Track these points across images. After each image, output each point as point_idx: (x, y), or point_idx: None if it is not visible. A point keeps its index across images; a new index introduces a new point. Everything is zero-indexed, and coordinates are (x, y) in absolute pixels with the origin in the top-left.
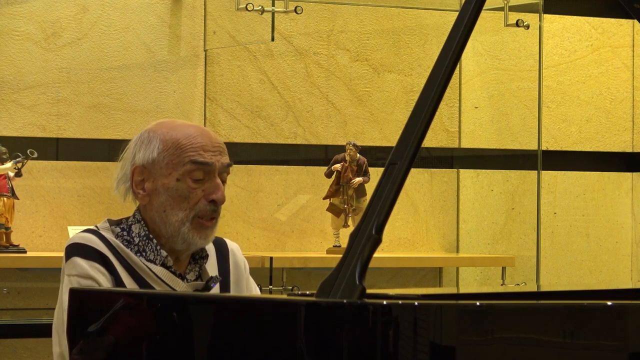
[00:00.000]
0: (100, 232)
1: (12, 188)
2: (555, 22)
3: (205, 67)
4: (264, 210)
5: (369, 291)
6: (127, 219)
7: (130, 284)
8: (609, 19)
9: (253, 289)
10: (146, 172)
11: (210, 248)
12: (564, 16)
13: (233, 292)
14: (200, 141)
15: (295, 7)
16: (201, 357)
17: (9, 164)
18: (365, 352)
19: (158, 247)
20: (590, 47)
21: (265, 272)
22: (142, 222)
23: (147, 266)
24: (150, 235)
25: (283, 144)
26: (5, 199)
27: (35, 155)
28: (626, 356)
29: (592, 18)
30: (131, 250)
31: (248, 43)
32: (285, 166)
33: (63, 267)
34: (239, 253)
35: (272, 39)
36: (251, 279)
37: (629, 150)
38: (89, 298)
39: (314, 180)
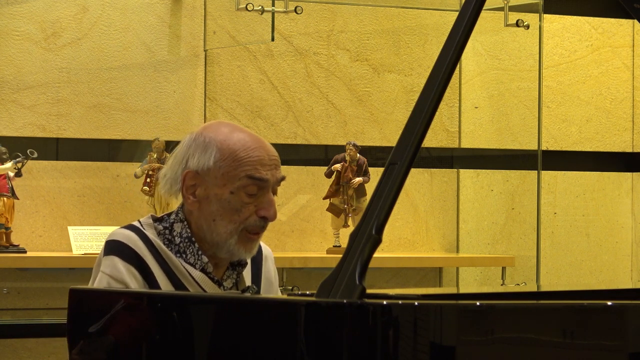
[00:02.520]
0: (144, 228)
1: (12, 188)
2: (555, 22)
3: (205, 67)
4: None
5: (369, 291)
6: (169, 215)
7: (166, 286)
8: (609, 19)
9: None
10: (199, 179)
11: None
12: (564, 16)
13: None
14: (257, 154)
15: (295, 7)
16: (201, 357)
17: (9, 164)
18: (365, 352)
19: (200, 252)
20: (590, 47)
21: None
22: (185, 223)
23: (186, 269)
24: (193, 239)
25: (283, 144)
26: (5, 199)
27: (35, 155)
28: (626, 356)
29: (592, 18)
30: (172, 249)
31: (248, 43)
32: (285, 166)
33: (99, 258)
34: (272, 263)
35: (272, 39)
36: (279, 290)
37: (629, 150)
38: (89, 298)
39: (314, 180)
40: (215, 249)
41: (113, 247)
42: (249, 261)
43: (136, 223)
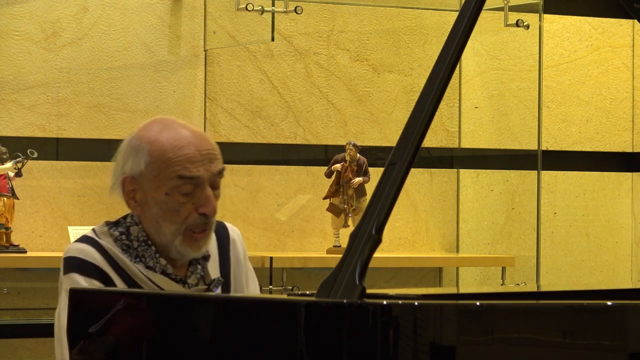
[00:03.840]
0: (99, 238)
1: (12, 188)
2: (555, 22)
3: (205, 67)
4: (264, 210)
5: (369, 291)
6: (125, 218)
7: None
8: (609, 19)
9: (250, 281)
10: (136, 183)
11: (212, 237)
12: (564, 16)
13: (233, 289)
14: (186, 152)
15: (295, 7)
16: (201, 357)
17: (9, 164)
18: (365, 352)
19: (157, 255)
20: (590, 47)
21: (265, 272)
22: (140, 226)
23: (146, 276)
24: (149, 242)
25: (283, 144)
26: (5, 199)
27: (35, 155)
28: (626, 356)
29: (592, 18)
30: (130, 255)
31: (248, 43)
32: (285, 166)
33: (61, 278)
34: (240, 244)
35: (272, 39)
36: (251, 270)
37: (629, 150)
38: (89, 298)
39: (314, 180)
40: (166, 250)
41: (71, 264)
42: (211, 252)
43: (91, 233)
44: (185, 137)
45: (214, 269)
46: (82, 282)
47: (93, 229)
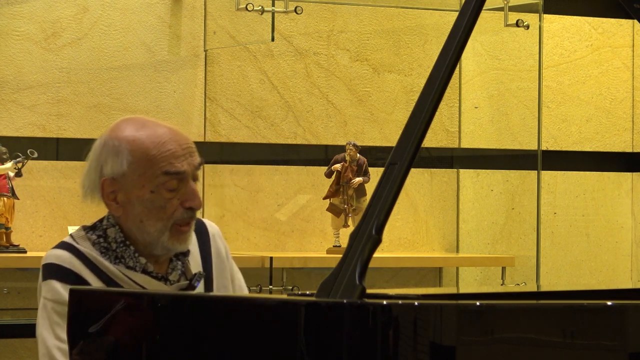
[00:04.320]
0: (77, 243)
1: (12, 188)
2: (555, 22)
3: (205, 67)
4: (264, 210)
5: (369, 291)
6: (101, 221)
7: None
8: (609, 19)
9: (236, 276)
10: (117, 185)
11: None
12: (564, 16)
13: (217, 284)
14: (169, 148)
15: (295, 7)
16: (201, 357)
17: (9, 164)
18: (365, 352)
19: (136, 255)
20: (590, 47)
21: (265, 272)
22: (117, 227)
23: (126, 275)
24: (127, 242)
25: (283, 144)
26: (5, 199)
27: (35, 155)
28: (626, 356)
29: (592, 18)
30: (109, 257)
31: (248, 43)
32: (285, 166)
33: (40, 285)
34: (220, 239)
35: (272, 39)
36: (234, 266)
37: (629, 150)
38: (89, 298)
39: (314, 180)
40: (150, 248)
41: (49, 271)
42: (191, 248)
43: (68, 239)
44: (164, 133)
45: (195, 265)
46: (60, 289)
47: (71, 235)
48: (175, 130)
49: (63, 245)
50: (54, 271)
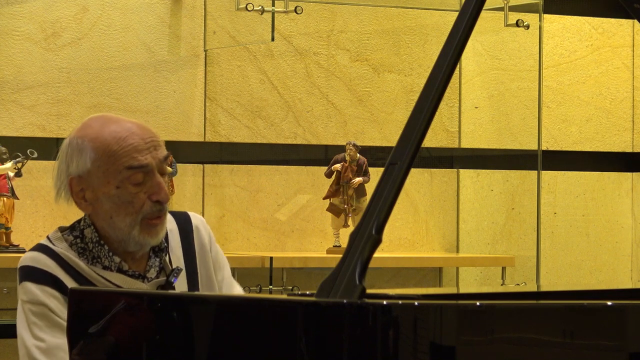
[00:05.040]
0: (52, 244)
1: (12, 188)
2: (555, 22)
3: (205, 67)
4: (264, 210)
5: (369, 291)
6: (79, 222)
7: None
8: (609, 19)
9: (221, 260)
10: (84, 182)
11: (174, 229)
12: (564, 16)
13: (201, 276)
14: (131, 142)
15: (295, 7)
16: (201, 357)
17: (9, 164)
18: (365, 352)
19: (110, 254)
20: (590, 47)
21: (265, 272)
22: (93, 227)
23: (102, 276)
24: (102, 241)
25: (283, 144)
26: (5, 199)
27: (35, 155)
28: (626, 356)
29: (592, 18)
30: (87, 257)
31: (248, 43)
32: (285, 166)
33: (17, 287)
34: (203, 229)
35: (272, 39)
36: (219, 251)
37: (629, 150)
38: (89, 298)
39: (314, 180)
40: (124, 245)
41: (24, 273)
42: (174, 235)
43: (45, 240)
44: (127, 128)
45: (176, 260)
46: (35, 290)
47: (47, 236)
48: (139, 125)
49: (38, 247)
50: (28, 273)
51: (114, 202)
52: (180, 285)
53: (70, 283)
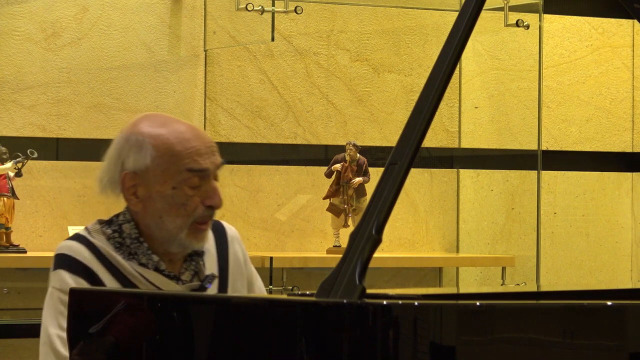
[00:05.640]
0: (91, 236)
1: (12, 188)
2: (555, 22)
3: (205, 67)
4: (264, 210)
5: (369, 291)
6: (117, 216)
7: None
8: (609, 19)
9: (255, 283)
10: (138, 179)
11: (209, 236)
12: (564, 16)
13: (232, 288)
14: (194, 145)
15: (295, 7)
16: (201, 357)
17: (9, 164)
18: (365, 352)
19: (149, 252)
20: (590, 47)
21: (265, 272)
22: (132, 223)
23: (138, 272)
24: (141, 238)
25: (283, 144)
26: (5, 199)
27: (35, 155)
28: (626, 356)
29: (592, 18)
30: (123, 252)
31: (248, 43)
32: (285, 166)
33: (50, 274)
34: (238, 243)
35: (272, 39)
36: (254, 272)
37: (629, 150)
38: (89, 298)
39: (314, 180)
40: (166, 245)
41: (59, 261)
42: (210, 243)
43: (83, 231)
44: (188, 130)
45: (211, 265)
46: (69, 279)
47: (86, 228)
48: (197, 128)
49: (77, 237)
50: (63, 262)
51: (167, 202)
52: (211, 292)
53: (106, 276)
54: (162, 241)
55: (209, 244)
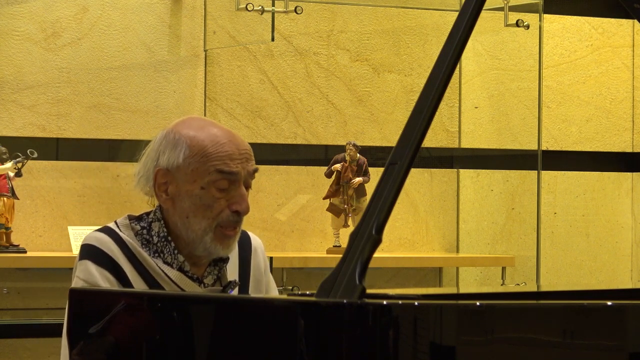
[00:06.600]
0: (119, 230)
1: (12, 188)
2: (555, 22)
3: (205, 67)
4: (264, 210)
5: (369, 291)
6: (147, 214)
7: (140, 287)
8: (609, 19)
9: (270, 292)
10: (170, 176)
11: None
12: (564, 16)
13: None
14: (227, 149)
15: (295, 7)
16: (201, 357)
17: (9, 164)
18: (365, 352)
19: (175, 252)
20: (590, 47)
21: None
22: (162, 222)
23: (162, 270)
24: (169, 238)
25: (283, 144)
26: (5, 199)
27: (35, 155)
28: (626, 356)
29: (592, 18)
30: (149, 249)
31: (248, 43)
32: (285, 166)
33: (76, 264)
34: (261, 252)
35: (272, 39)
36: (272, 281)
37: (629, 150)
38: (89, 298)
39: (314, 180)
40: (191, 246)
41: (86, 252)
42: (231, 256)
43: (112, 224)
44: (224, 135)
45: (232, 273)
46: (94, 270)
47: (115, 221)
48: (235, 135)
49: (105, 230)
50: (90, 252)
51: (194, 202)
52: None
53: (130, 270)
54: (188, 242)
55: (233, 251)
